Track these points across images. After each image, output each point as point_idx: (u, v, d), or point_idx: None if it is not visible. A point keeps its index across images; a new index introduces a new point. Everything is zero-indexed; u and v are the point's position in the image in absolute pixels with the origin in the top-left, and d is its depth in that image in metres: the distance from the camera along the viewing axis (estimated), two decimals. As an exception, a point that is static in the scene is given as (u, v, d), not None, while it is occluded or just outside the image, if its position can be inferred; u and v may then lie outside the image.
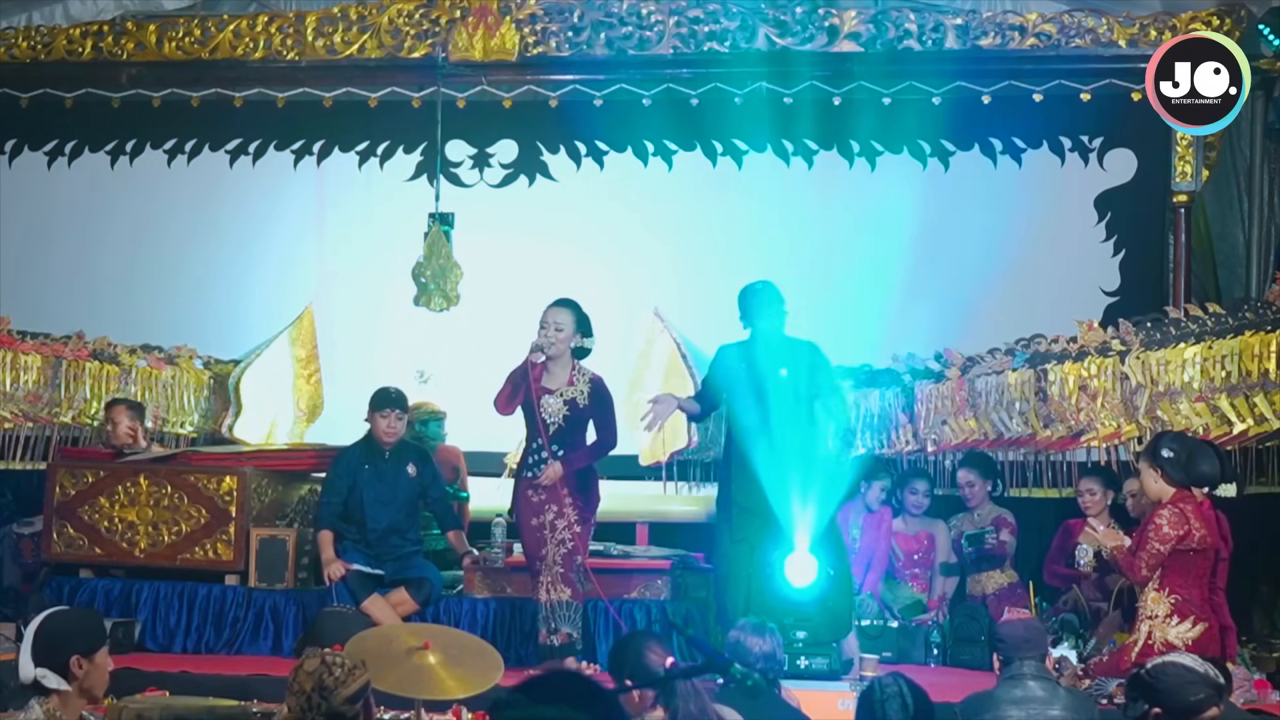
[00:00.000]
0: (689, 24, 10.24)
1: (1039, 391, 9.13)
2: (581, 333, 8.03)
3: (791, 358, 7.97)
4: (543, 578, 7.96)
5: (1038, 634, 5.77)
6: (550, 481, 7.92)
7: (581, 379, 8.05)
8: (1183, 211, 9.73)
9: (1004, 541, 9.07)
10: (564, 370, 8.04)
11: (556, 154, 10.76)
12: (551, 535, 7.96)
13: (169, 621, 8.75)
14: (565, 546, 7.95)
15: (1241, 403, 8.57)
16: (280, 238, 10.88)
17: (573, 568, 7.95)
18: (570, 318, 8.00)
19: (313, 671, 4.40)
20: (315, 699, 4.37)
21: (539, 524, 7.99)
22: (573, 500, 8.00)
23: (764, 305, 8.03)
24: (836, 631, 7.56)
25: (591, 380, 8.06)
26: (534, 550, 8.02)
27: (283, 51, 10.59)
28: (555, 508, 7.97)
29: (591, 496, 8.12)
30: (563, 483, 7.96)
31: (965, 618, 8.76)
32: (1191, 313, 8.97)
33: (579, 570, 7.99)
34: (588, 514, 8.08)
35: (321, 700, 4.38)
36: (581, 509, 8.02)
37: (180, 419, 10.22)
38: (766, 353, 7.99)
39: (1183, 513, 7.28)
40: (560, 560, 7.93)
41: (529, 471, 8.05)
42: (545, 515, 7.98)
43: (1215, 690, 4.77)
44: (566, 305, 8.06)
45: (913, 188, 10.36)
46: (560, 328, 7.97)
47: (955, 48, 10.04)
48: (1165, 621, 7.20)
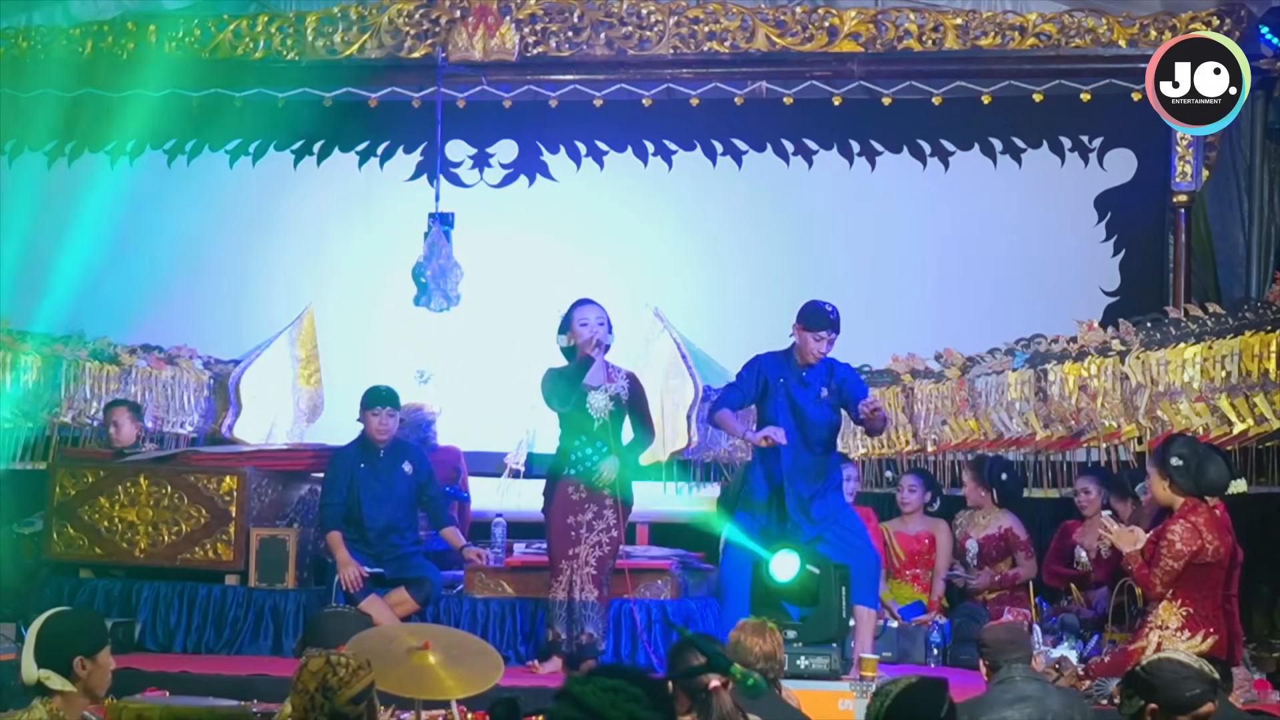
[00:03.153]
0: (689, 24, 10.25)
1: (1039, 391, 9.14)
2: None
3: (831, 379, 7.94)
4: (566, 576, 7.98)
5: (1021, 636, 5.77)
6: (611, 477, 7.92)
7: (619, 375, 8.13)
8: (1183, 211, 9.73)
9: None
10: (603, 367, 8.10)
11: (556, 154, 10.76)
12: (588, 535, 8.00)
13: (169, 621, 8.75)
14: (601, 549, 7.99)
15: (1241, 403, 8.58)
16: (280, 238, 10.87)
17: (605, 570, 7.98)
18: (606, 315, 8.07)
19: (317, 671, 4.40)
20: (319, 699, 4.36)
21: (575, 523, 8.01)
22: (614, 503, 8.02)
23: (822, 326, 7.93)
24: (827, 631, 7.53)
25: (628, 376, 8.16)
26: (562, 548, 8.03)
27: (283, 51, 10.59)
28: (595, 508, 8.01)
29: (629, 504, 8.16)
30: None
31: (965, 618, 8.75)
32: (1191, 313, 8.97)
33: (609, 574, 8.03)
34: (622, 521, 8.11)
35: (325, 700, 4.37)
36: (620, 515, 8.04)
37: (180, 419, 10.22)
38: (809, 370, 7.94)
39: (1195, 526, 7.23)
40: (594, 562, 7.97)
41: (572, 469, 8.05)
42: (584, 515, 8.00)
43: (1210, 686, 4.76)
44: (596, 304, 8.11)
45: (913, 188, 10.37)
46: (601, 321, 8.02)
47: (955, 48, 10.05)
48: (1175, 634, 7.15)
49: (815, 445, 7.90)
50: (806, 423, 7.86)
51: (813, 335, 7.84)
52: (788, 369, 7.92)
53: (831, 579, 7.48)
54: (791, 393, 7.87)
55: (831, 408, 7.92)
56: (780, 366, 7.94)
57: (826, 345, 7.85)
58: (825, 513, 7.88)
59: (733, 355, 10.05)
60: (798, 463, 7.86)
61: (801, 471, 7.86)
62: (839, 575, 7.52)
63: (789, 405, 7.87)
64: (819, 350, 7.84)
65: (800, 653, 7.41)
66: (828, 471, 7.97)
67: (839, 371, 7.93)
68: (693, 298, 10.35)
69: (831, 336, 7.85)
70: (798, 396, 7.87)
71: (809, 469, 7.88)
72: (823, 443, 7.94)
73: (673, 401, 9.74)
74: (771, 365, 7.96)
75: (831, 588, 7.48)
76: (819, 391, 7.87)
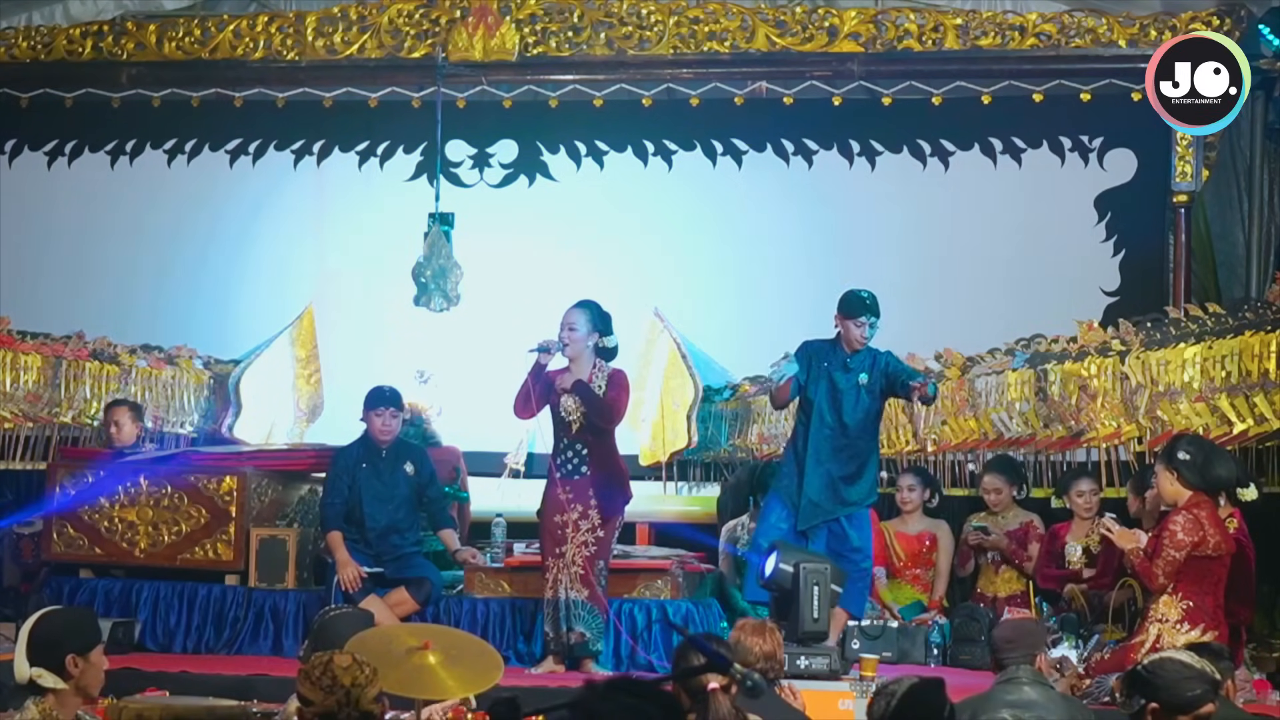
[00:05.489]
0: (689, 24, 10.25)
1: (1039, 391, 9.14)
2: (600, 332, 8.14)
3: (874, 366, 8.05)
4: (556, 575, 8.03)
5: (1025, 635, 5.73)
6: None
7: (600, 375, 8.15)
8: (1183, 211, 9.73)
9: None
10: (584, 369, 8.15)
11: (556, 154, 10.75)
12: (574, 535, 8.03)
13: (169, 621, 8.75)
14: (588, 549, 8.02)
15: (1241, 403, 8.58)
16: (280, 238, 10.87)
17: (593, 570, 8.01)
18: (583, 318, 8.12)
19: (347, 668, 4.40)
20: (353, 694, 4.37)
21: (562, 521, 8.07)
22: (597, 504, 8.06)
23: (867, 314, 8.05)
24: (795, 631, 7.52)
25: (610, 374, 8.17)
26: (550, 547, 8.10)
27: (283, 51, 10.59)
28: (580, 508, 8.06)
29: (616, 501, 8.17)
30: (590, 484, 8.06)
31: (965, 618, 8.75)
32: (1191, 313, 8.97)
33: (600, 574, 8.05)
34: (609, 518, 8.12)
35: (357, 697, 4.38)
36: (604, 513, 8.07)
37: (180, 419, 10.22)
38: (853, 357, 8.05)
39: (1197, 518, 7.25)
40: (580, 561, 8.01)
41: (558, 471, 8.13)
42: (569, 514, 8.05)
43: (1212, 686, 4.77)
44: (581, 306, 8.20)
45: (913, 188, 10.36)
46: (573, 328, 8.11)
47: (955, 48, 10.05)
48: (1175, 627, 7.19)
49: (851, 429, 8.03)
50: (844, 407, 8.01)
51: (853, 322, 8.02)
52: (833, 355, 8.09)
53: (803, 579, 7.53)
54: (833, 376, 8.03)
55: (871, 395, 8.06)
56: (826, 352, 8.12)
57: (867, 330, 8.01)
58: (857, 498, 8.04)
59: (733, 355, 10.10)
60: (833, 443, 8.01)
61: (835, 452, 8.01)
62: (811, 576, 7.55)
63: (829, 389, 8.02)
64: (860, 336, 8.02)
65: (800, 653, 7.42)
66: (865, 455, 8.09)
67: (882, 359, 8.09)
68: (693, 298, 10.35)
69: (871, 320, 8.02)
70: (839, 381, 8.02)
71: (843, 450, 8.02)
72: (860, 426, 8.05)
73: (673, 401, 9.75)
74: (818, 350, 8.14)
75: (803, 587, 7.53)
76: (860, 377, 8.01)
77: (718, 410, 9.89)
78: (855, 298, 8.06)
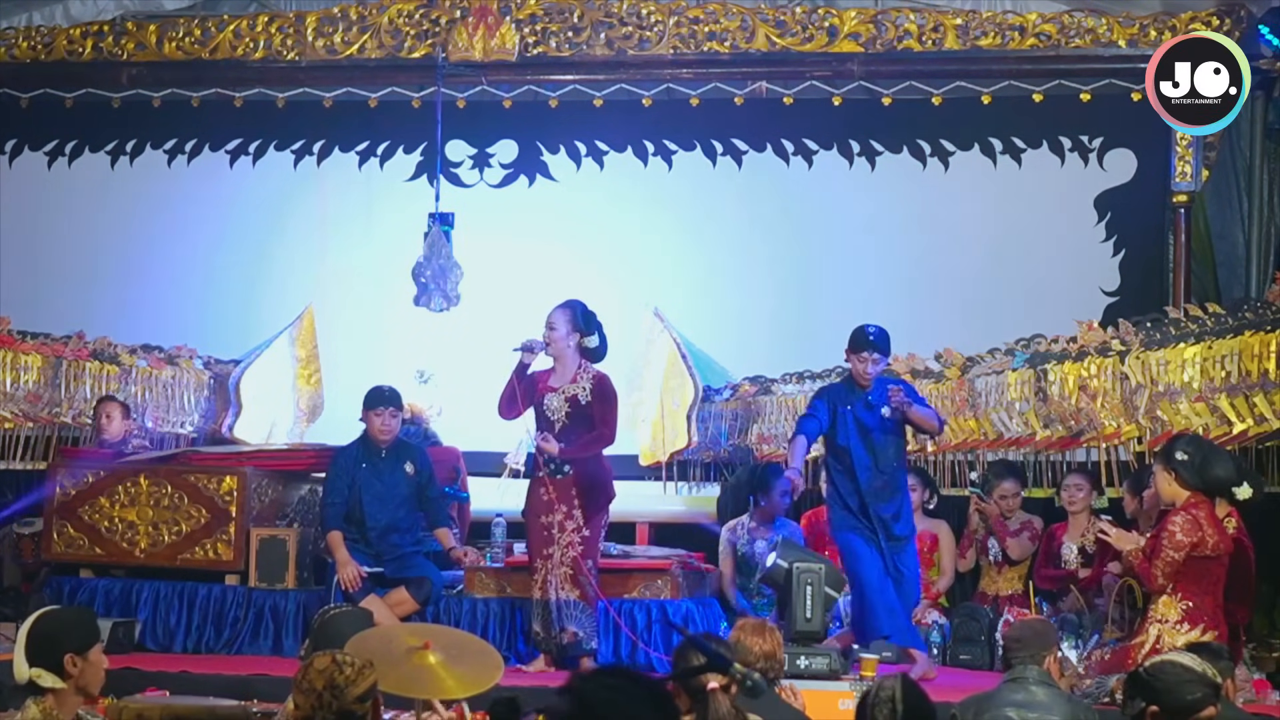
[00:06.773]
0: (689, 24, 10.25)
1: (1039, 391, 9.14)
2: (581, 332, 8.10)
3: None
4: (543, 575, 8.04)
5: (1034, 635, 5.71)
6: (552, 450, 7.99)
7: (585, 376, 8.12)
8: (1182, 211, 9.73)
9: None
10: (569, 369, 8.14)
11: (556, 154, 10.76)
12: (560, 535, 8.04)
13: (169, 621, 8.76)
14: (574, 549, 8.02)
15: (1241, 403, 8.58)
16: (280, 238, 10.87)
17: (583, 569, 8.01)
18: (563, 317, 8.12)
19: (324, 669, 4.38)
20: (326, 697, 4.35)
21: (547, 522, 8.08)
22: (581, 504, 8.06)
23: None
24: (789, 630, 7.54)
25: (595, 377, 8.14)
26: (537, 548, 8.12)
27: (283, 51, 10.59)
28: (564, 509, 8.06)
29: (599, 500, 8.16)
30: (573, 484, 8.05)
31: (965, 618, 8.76)
32: (1191, 313, 8.97)
33: (590, 573, 8.05)
34: (594, 516, 8.11)
35: (333, 699, 4.36)
36: (588, 512, 8.07)
37: (180, 419, 10.22)
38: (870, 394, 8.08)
39: (1195, 519, 7.25)
40: (568, 561, 8.02)
41: (543, 470, 8.14)
42: (554, 515, 8.05)
43: (1213, 690, 4.77)
44: (563, 306, 8.19)
45: (913, 188, 10.36)
46: (553, 327, 8.12)
47: (955, 48, 10.05)
48: (1175, 627, 7.19)
49: (885, 466, 8.08)
50: (875, 445, 8.05)
51: (858, 357, 8.05)
52: (851, 396, 8.11)
53: (796, 578, 7.53)
54: (860, 418, 8.06)
55: (895, 425, 8.10)
56: (844, 395, 8.15)
57: (874, 365, 8.03)
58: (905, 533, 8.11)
59: (732, 355, 10.09)
60: (872, 485, 8.05)
61: (876, 494, 8.05)
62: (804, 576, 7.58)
63: (859, 430, 8.05)
64: (865, 371, 8.03)
65: (800, 653, 7.42)
66: (900, 488, 8.17)
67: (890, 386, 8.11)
68: (693, 298, 10.36)
69: (875, 356, 8.04)
70: (866, 420, 8.05)
71: (882, 491, 8.07)
72: (891, 462, 8.10)
73: (673, 401, 9.75)
74: (837, 394, 8.17)
75: (796, 586, 7.54)
76: (883, 411, 8.03)
77: (718, 410, 9.89)
78: (860, 333, 8.07)
